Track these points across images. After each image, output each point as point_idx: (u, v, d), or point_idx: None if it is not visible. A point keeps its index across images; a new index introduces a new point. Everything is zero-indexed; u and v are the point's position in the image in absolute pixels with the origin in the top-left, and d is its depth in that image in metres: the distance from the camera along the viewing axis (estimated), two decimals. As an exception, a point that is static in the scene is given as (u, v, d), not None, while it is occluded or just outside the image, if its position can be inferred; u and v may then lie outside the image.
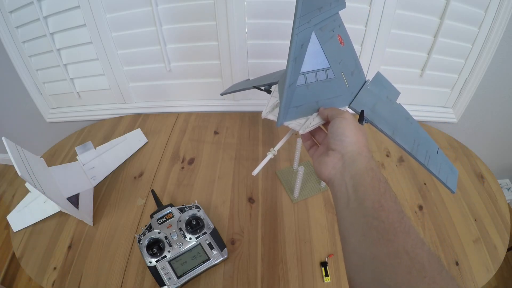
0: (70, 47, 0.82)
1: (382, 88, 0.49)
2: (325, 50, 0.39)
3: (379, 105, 0.45)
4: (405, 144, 0.41)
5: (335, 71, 0.41)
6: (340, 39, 0.43)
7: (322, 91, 0.40)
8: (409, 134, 0.43)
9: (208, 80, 0.89)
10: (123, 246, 0.59)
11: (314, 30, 0.38)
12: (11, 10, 0.77)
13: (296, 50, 0.36)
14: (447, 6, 0.70)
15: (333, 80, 0.41)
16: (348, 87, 0.43)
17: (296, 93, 0.39)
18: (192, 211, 0.59)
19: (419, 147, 0.42)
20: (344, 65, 0.42)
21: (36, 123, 1.06)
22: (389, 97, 0.48)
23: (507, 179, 1.28)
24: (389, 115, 0.44)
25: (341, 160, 0.35)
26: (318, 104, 0.41)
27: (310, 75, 0.39)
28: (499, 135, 1.04)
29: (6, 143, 0.51)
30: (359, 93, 0.45)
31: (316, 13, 0.38)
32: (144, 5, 0.73)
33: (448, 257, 0.57)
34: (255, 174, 0.43)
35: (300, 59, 0.38)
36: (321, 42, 0.39)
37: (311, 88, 0.40)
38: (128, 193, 0.69)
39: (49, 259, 0.58)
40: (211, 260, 0.54)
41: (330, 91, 0.41)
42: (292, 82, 0.38)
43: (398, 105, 0.47)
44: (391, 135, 0.41)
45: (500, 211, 0.66)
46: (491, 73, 0.82)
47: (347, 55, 0.44)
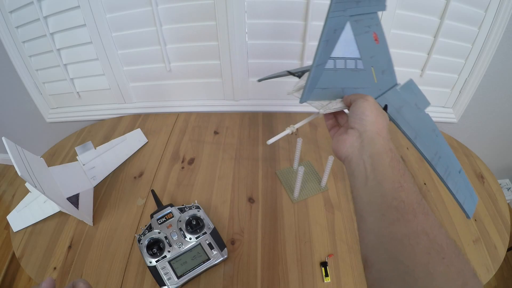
0: (70, 47, 0.82)
1: (412, 94, 0.49)
2: (357, 41, 0.40)
3: (406, 108, 0.44)
4: (426, 152, 0.41)
5: (365, 64, 0.41)
6: (375, 37, 0.44)
7: (349, 79, 0.41)
8: (432, 145, 0.42)
9: (208, 80, 0.89)
10: (123, 246, 0.59)
11: (350, 20, 0.39)
12: (11, 10, 0.77)
13: (329, 33, 0.37)
14: (447, 6, 0.70)
15: (362, 72, 0.41)
16: (377, 82, 0.43)
17: (324, 75, 0.40)
18: (192, 211, 0.59)
19: (440, 160, 0.42)
20: (375, 61, 0.43)
21: (36, 123, 1.06)
22: (417, 104, 0.47)
23: (507, 179, 1.28)
24: (414, 121, 0.43)
25: (359, 139, 0.35)
26: (343, 91, 0.41)
27: (340, 61, 0.40)
28: (499, 135, 1.04)
29: (6, 143, 0.51)
30: (387, 92, 0.45)
31: (353, 5, 0.39)
32: (144, 5, 0.73)
33: (448, 257, 0.57)
34: (270, 144, 0.44)
35: (331, 43, 0.39)
36: (354, 33, 0.40)
37: (339, 73, 0.40)
38: (128, 193, 0.69)
39: (49, 259, 0.58)
40: (211, 260, 0.54)
41: (357, 81, 0.42)
42: (320, 63, 0.39)
43: (426, 115, 0.47)
44: (412, 139, 0.41)
45: (500, 211, 0.66)
46: (491, 73, 0.82)
47: (381, 53, 0.45)
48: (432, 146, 0.42)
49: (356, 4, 0.40)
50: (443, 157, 0.42)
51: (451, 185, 0.40)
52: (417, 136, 0.41)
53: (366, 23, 0.42)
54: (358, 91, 0.41)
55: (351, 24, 0.39)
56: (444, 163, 0.42)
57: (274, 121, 0.89)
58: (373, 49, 0.43)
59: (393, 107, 0.43)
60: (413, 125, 0.42)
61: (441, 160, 0.42)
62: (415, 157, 0.78)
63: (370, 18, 0.44)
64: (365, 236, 0.31)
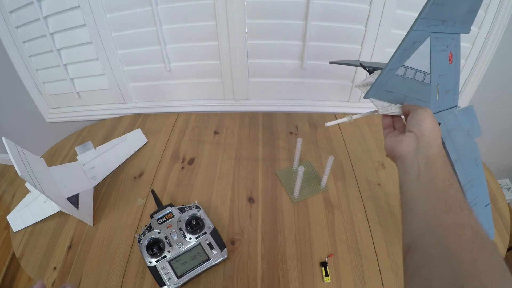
0: (70, 47, 0.82)
1: (468, 120, 0.50)
2: (432, 57, 0.43)
3: (457, 132, 0.46)
4: (461, 177, 0.43)
5: (433, 80, 0.44)
6: (450, 57, 0.46)
7: (414, 89, 0.43)
8: (469, 172, 0.44)
9: (208, 80, 0.89)
10: (123, 246, 0.59)
11: (431, 36, 0.42)
12: (11, 10, 0.77)
13: (408, 43, 0.41)
14: (447, 6, 0.70)
15: (427, 86, 0.44)
16: (438, 99, 0.46)
17: (392, 79, 0.43)
18: (192, 211, 0.59)
19: (472, 189, 0.44)
20: (443, 79, 0.45)
21: (36, 123, 1.06)
22: (470, 131, 0.49)
23: (507, 179, 1.28)
24: (461, 145, 0.45)
25: (416, 141, 0.38)
26: (405, 99, 0.44)
27: (410, 71, 0.43)
28: (499, 135, 1.04)
29: (6, 143, 0.51)
30: (444, 111, 0.47)
31: (438, 23, 0.42)
32: (144, 5, 0.73)
33: (448, 257, 0.57)
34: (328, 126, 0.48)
35: (408, 53, 0.42)
36: (432, 49, 0.42)
37: (406, 82, 0.43)
38: (128, 193, 0.69)
39: (49, 259, 0.58)
40: (211, 260, 0.54)
41: (421, 94, 0.44)
42: (392, 68, 0.42)
43: (474, 143, 0.49)
44: (453, 161, 0.43)
45: (500, 211, 0.66)
46: (491, 73, 0.82)
47: (450, 74, 0.47)
48: (469, 173, 0.44)
49: (442, 23, 0.42)
50: (475, 187, 0.44)
51: None
52: (458, 160, 0.44)
53: (446, 42, 0.44)
54: (418, 103, 0.44)
55: (431, 40, 0.42)
56: (474, 192, 0.44)
57: (274, 121, 0.89)
58: (444, 68, 0.45)
59: (445, 127, 0.45)
60: (458, 149, 0.44)
61: (473, 189, 0.44)
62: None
63: (451, 38, 0.46)
64: (412, 223, 0.34)
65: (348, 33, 0.76)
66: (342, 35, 0.77)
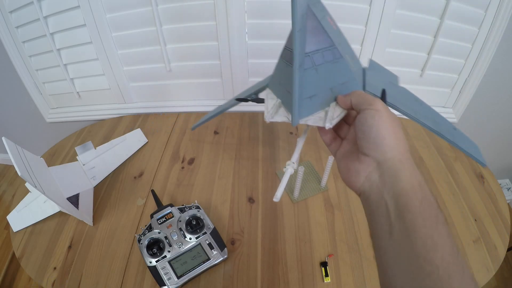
0: (70, 47, 0.82)
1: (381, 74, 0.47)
2: (324, 26, 0.34)
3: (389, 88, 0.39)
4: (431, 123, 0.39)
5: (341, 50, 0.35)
6: (331, 22, 0.37)
7: (333, 75, 0.35)
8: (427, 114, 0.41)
9: (208, 80, 0.89)
10: (123, 246, 0.59)
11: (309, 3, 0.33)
12: (11, 10, 0.77)
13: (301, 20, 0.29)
14: (447, 6, 0.70)
15: (341, 61, 0.35)
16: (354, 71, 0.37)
17: (306, 79, 0.33)
18: (192, 211, 0.59)
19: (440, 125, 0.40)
20: (343, 48, 0.37)
21: (36, 123, 1.06)
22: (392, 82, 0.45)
23: (507, 179, 1.28)
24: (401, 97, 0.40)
25: (377, 170, 0.27)
26: (333, 92, 0.35)
27: (317, 55, 0.33)
28: (499, 135, 1.04)
29: (6, 143, 0.51)
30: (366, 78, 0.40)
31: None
32: (144, 5, 0.73)
33: (448, 257, 0.57)
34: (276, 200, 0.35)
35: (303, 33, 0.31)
36: (318, 16, 0.33)
37: (320, 71, 0.34)
38: (128, 193, 0.69)
39: (49, 259, 0.58)
40: (211, 260, 0.54)
41: (342, 75, 0.35)
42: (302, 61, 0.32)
43: (403, 88, 0.45)
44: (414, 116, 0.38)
45: (500, 211, 0.66)
46: (491, 73, 0.82)
47: (342, 39, 0.39)
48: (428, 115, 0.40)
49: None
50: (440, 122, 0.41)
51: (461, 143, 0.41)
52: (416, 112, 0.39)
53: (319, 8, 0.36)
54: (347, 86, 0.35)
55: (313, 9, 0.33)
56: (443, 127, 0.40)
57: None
58: (336, 35, 0.36)
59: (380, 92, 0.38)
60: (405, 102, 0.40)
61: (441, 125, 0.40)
62: (415, 157, 0.78)
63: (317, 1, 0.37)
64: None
65: (348, 33, 0.76)
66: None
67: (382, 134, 0.27)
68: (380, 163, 0.27)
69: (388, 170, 0.27)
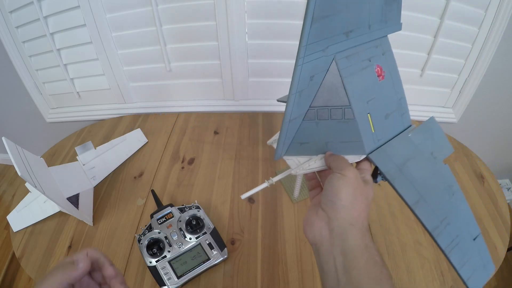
0: (70, 47, 0.82)
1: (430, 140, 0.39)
2: (346, 85, 0.32)
3: (414, 162, 0.35)
4: (427, 220, 0.33)
5: (357, 111, 0.33)
6: (380, 72, 0.35)
7: (335, 132, 0.34)
8: (440, 209, 0.34)
9: (208, 80, 0.89)
10: (123, 246, 0.59)
11: (336, 58, 0.31)
12: (11, 10, 0.77)
13: (302, 82, 0.30)
14: (447, 6, 0.70)
15: (351, 122, 0.33)
16: (375, 132, 0.35)
17: (303, 127, 0.33)
18: (192, 211, 0.59)
19: (448, 228, 0.33)
20: (375, 104, 0.34)
21: (36, 123, 1.06)
22: (434, 153, 0.38)
23: (507, 179, 1.28)
24: (423, 178, 0.34)
25: (328, 226, 0.30)
26: (327, 146, 0.34)
27: (323, 111, 0.33)
28: (499, 135, 1.04)
29: (6, 143, 0.51)
30: (390, 141, 0.36)
31: (340, 39, 0.30)
32: (144, 5, 0.73)
33: (448, 257, 0.57)
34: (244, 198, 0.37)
35: (309, 92, 0.31)
36: (343, 74, 0.31)
37: (321, 126, 0.33)
38: (128, 193, 0.69)
39: (49, 259, 0.58)
40: (211, 260, 0.54)
41: (346, 134, 0.34)
42: (294, 117, 0.32)
43: (445, 167, 0.38)
44: (411, 205, 0.33)
45: (500, 211, 0.66)
46: (491, 73, 0.82)
47: (386, 92, 0.36)
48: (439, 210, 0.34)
49: (346, 36, 0.31)
50: (453, 224, 0.34)
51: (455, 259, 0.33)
52: (420, 200, 0.33)
53: (365, 56, 0.33)
54: (346, 146, 0.34)
55: (339, 63, 0.31)
56: (452, 231, 0.33)
57: (274, 121, 0.89)
58: (372, 90, 0.34)
59: (394, 164, 0.34)
60: (420, 185, 0.34)
61: (449, 227, 0.33)
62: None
63: (374, 46, 0.35)
64: None
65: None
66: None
67: (340, 195, 0.29)
68: (332, 220, 0.30)
69: (338, 228, 0.29)
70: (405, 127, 0.38)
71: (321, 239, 0.30)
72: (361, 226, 0.29)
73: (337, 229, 0.29)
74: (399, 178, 0.33)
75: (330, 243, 0.29)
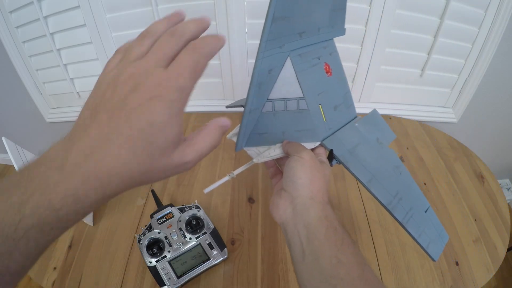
0: (70, 47, 0.82)
1: (374, 128, 0.44)
2: (300, 78, 0.36)
3: (363, 146, 0.40)
4: (382, 196, 0.36)
5: (310, 103, 0.37)
6: (328, 69, 0.40)
7: (291, 122, 0.37)
8: (391, 185, 0.38)
9: (208, 80, 0.89)
10: (123, 246, 0.59)
11: (291, 55, 0.35)
12: (11, 10, 0.77)
13: (261, 75, 0.33)
14: (447, 6, 0.70)
15: (306, 112, 0.37)
16: (326, 121, 0.39)
17: (261, 119, 0.37)
18: (192, 211, 0.59)
19: (401, 202, 0.37)
20: (325, 97, 0.39)
21: (36, 123, 1.06)
22: (380, 139, 0.43)
23: (507, 179, 1.28)
24: (372, 160, 0.39)
25: (291, 205, 0.32)
26: (284, 136, 0.38)
27: (279, 103, 0.36)
28: (499, 135, 1.04)
29: (6, 143, 0.51)
30: (340, 130, 0.41)
31: (294, 38, 0.34)
32: (144, 5, 0.73)
33: (448, 257, 0.57)
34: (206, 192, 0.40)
35: (267, 85, 0.35)
36: (297, 69, 0.35)
37: (278, 116, 0.37)
38: (128, 193, 0.69)
39: (49, 259, 0.58)
40: (211, 260, 0.54)
41: (301, 123, 0.38)
42: (254, 108, 0.35)
43: (389, 150, 0.42)
44: (365, 183, 0.36)
45: (500, 211, 0.66)
46: (491, 73, 0.82)
47: (334, 87, 0.41)
48: (391, 187, 0.38)
49: (300, 36, 0.35)
50: (405, 198, 0.38)
51: (412, 229, 0.37)
52: (372, 179, 0.37)
53: (315, 55, 0.38)
54: (302, 134, 0.38)
55: (293, 60, 0.35)
56: (406, 204, 0.37)
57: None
58: (322, 84, 0.39)
59: (346, 148, 0.39)
60: (371, 166, 0.38)
61: (402, 201, 0.37)
62: (415, 157, 0.78)
63: (322, 47, 0.39)
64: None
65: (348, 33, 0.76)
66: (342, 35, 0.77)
67: (298, 175, 0.32)
68: (294, 198, 0.32)
69: (299, 205, 0.31)
70: (352, 118, 0.43)
71: (286, 217, 0.32)
72: (321, 199, 0.32)
73: (299, 205, 0.31)
74: (351, 161, 0.38)
75: (294, 220, 0.31)
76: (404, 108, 0.92)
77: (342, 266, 0.28)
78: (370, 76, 0.84)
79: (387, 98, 0.91)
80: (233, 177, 0.40)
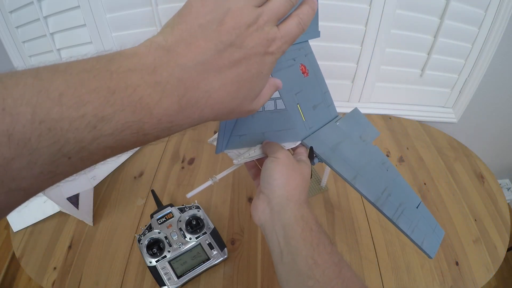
0: (70, 47, 0.82)
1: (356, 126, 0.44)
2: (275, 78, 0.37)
3: (345, 144, 0.40)
4: (368, 192, 0.36)
5: (287, 102, 0.37)
6: (304, 69, 0.40)
7: (269, 122, 0.38)
8: (378, 182, 0.38)
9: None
10: (123, 246, 0.59)
11: None
12: (11, 10, 0.77)
13: None
14: (447, 6, 0.70)
15: (284, 112, 0.37)
16: (306, 120, 0.40)
17: (240, 121, 0.37)
18: (192, 211, 0.59)
19: (389, 198, 0.37)
20: (303, 97, 0.39)
21: (36, 123, 1.06)
22: (363, 137, 0.43)
23: (507, 179, 1.28)
24: (356, 157, 0.39)
25: (268, 206, 0.32)
26: (264, 136, 0.38)
27: None
28: (499, 135, 1.04)
29: (6, 143, 0.51)
30: (321, 129, 0.41)
31: None
32: (144, 5, 0.73)
33: (448, 257, 0.57)
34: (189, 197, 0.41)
35: None
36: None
37: (256, 117, 0.37)
38: (128, 193, 0.69)
39: (49, 259, 0.58)
40: (211, 260, 0.54)
41: (279, 123, 0.38)
42: None
43: (373, 147, 0.42)
44: (350, 180, 0.36)
45: (500, 211, 0.66)
46: (491, 73, 0.82)
47: (311, 87, 0.41)
48: (379, 183, 0.37)
49: None
50: (394, 194, 0.37)
51: (404, 225, 0.36)
52: (357, 176, 0.37)
53: (290, 56, 0.39)
54: (281, 133, 0.38)
55: None
56: (395, 200, 0.37)
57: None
58: (299, 84, 0.39)
59: (327, 146, 0.39)
60: (354, 163, 0.38)
61: (391, 197, 0.37)
62: (415, 157, 0.78)
63: (297, 49, 0.40)
64: None
65: (348, 33, 0.76)
66: (342, 35, 0.77)
67: (274, 176, 0.32)
68: (270, 199, 0.32)
69: (276, 206, 0.32)
70: (332, 118, 0.44)
71: (265, 219, 0.32)
72: (298, 198, 0.32)
73: (276, 206, 0.32)
74: (333, 158, 0.38)
75: (272, 221, 0.32)
76: (404, 108, 0.92)
77: (318, 267, 0.28)
78: (370, 76, 0.84)
79: (387, 98, 0.91)
80: (216, 181, 0.40)
